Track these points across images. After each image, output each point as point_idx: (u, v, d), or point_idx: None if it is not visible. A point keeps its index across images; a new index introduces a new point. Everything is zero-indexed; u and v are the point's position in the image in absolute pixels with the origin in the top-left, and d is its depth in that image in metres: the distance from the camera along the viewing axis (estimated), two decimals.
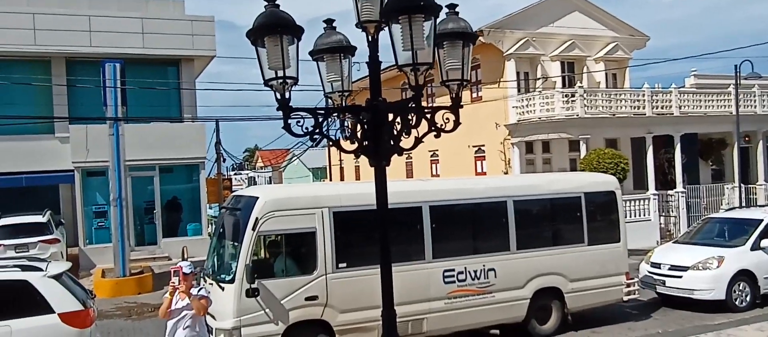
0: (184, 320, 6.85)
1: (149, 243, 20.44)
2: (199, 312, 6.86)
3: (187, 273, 6.83)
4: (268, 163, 60.61)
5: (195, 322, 6.88)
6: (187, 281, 6.82)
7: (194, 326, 6.87)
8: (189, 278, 6.85)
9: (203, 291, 7.09)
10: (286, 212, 8.69)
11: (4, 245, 15.83)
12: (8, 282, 7.68)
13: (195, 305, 6.77)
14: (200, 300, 6.83)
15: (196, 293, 6.87)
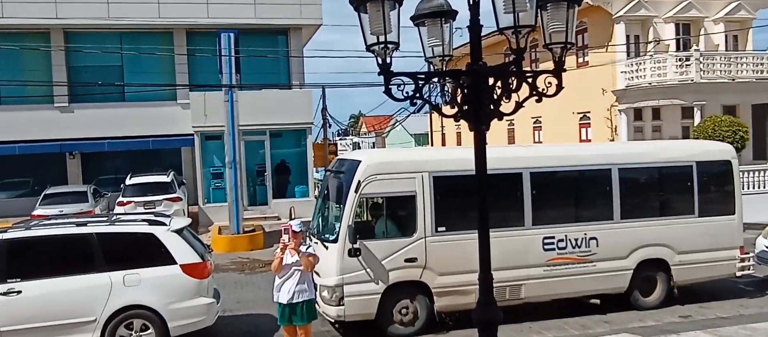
0: (293, 275, 7.18)
1: (260, 203, 21.64)
2: (307, 269, 7.20)
3: (297, 231, 7.17)
4: (372, 129, 61.54)
5: (303, 277, 7.22)
6: (297, 239, 7.17)
7: (302, 281, 7.20)
8: (298, 236, 7.19)
9: (311, 249, 7.41)
10: (387, 176, 8.91)
11: (134, 201, 17.35)
12: (138, 235, 8.46)
13: (303, 262, 7.11)
14: (308, 257, 7.17)
15: (305, 251, 7.20)
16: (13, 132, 22.37)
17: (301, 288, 7.19)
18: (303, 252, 7.16)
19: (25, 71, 23.07)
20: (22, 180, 24.26)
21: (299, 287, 7.18)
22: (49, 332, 7.88)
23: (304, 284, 7.24)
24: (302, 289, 7.19)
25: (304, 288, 7.22)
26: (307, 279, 7.29)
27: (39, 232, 8.42)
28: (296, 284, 7.18)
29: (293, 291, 7.17)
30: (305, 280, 7.25)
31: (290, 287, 7.18)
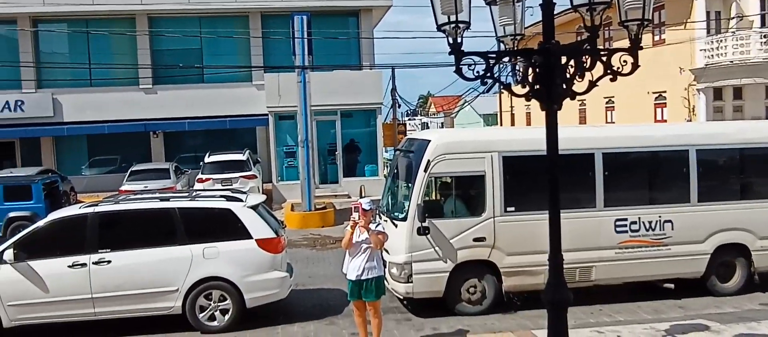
0: (363, 252, 7.29)
1: (331, 182, 22.11)
2: (377, 246, 7.31)
3: (367, 209, 7.26)
4: (441, 109, 61.31)
5: (372, 254, 7.32)
6: (367, 217, 7.25)
7: (371, 258, 7.31)
8: (368, 214, 7.28)
9: (381, 227, 7.48)
10: (456, 155, 8.95)
11: (212, 178, 18.12)
12: (216, 210, 8.89)
13: (373, 240, 7.22)
14: (378, 235, 7.26)
15: (375, 229, 7.29)
16: (102, 112, 23.76)
17: (371, 265, 7.29)
18: (373, 230, 7.25)
19: (113, 55, 24.39)
20: (110, 157, 25.76)
21: (368, 264, 7.28)
22: (136, 299, 8.43)
23: (374, 261, 7.34)
24: (371, 266, 7.30)
25: (374, 265, 7.32)
26: (376, 256, 7.39)
27: (127, 206, 8.98)
28: (366, 261, 7.28)
29: (363, 268, 7.28)
30: (374, 257, 7.35)
31: (360, 264, 7.29)
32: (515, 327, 8.36)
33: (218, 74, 23.27)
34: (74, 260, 8.29)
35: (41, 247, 8.42)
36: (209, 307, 8.56)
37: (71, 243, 8.44)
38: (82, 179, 24.09)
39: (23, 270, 8.24)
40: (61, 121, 24.13)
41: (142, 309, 8.53)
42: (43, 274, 8.27)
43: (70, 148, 25.64)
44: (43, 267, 8.30)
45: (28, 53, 23.99)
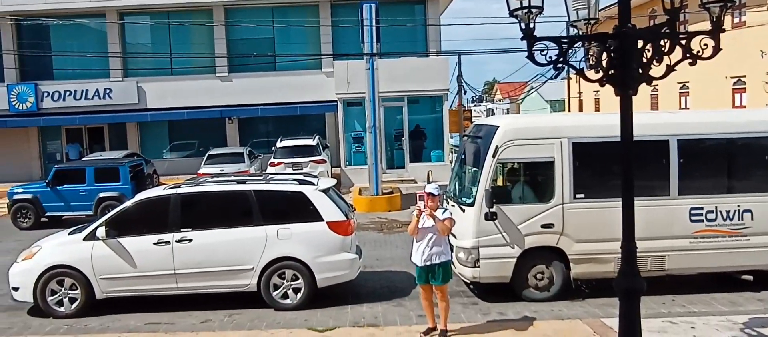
0: (430, 238, 7.34)
1: (398, 167, 22.37)
2: (443, 233, 7.31)
3: (434, 194, 7.32)
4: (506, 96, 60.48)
5: (439, 239, 7.37)
6: (434, 202, 7.30)
7: (438, 243, 7.35)
8: (435, 200, 7.32)
9: (448, 213, 7.41)
10: (525, 141, 8.92)
11: (284, 162, 18.69)
12: (289, 193, 9.23)
13: (440, 227, 7.24)
14: (444, 222, 7.28)
15: (442, 214, 7.26)
16: (181, 99, 24.85)
17: (438, 250, 7.29)
18: (438, 217, 7.25)
19: (191, 45, 25.43)
20: (188, 142, 26.95)
21: (435, 249, 7.28)
22: (215, 276, 8.90)
23: (441, 246, 7.32)
24: (438, 251, 7.29)
25: (441, 250, 7.31)
26: (443, 242, 7.42)
27: (206, 188, 9.47)
28: (433, 246, 7.28)
29: (430, 253, 7.28)
30: (442, 242, 7.38)
31: (427, 250, 7.29)
32: (583, 315, 8.32)
33: (289, 62, 23.89)
34: (159, 238, 8.83)
35: (129, 225, 9.01)
36: (282, 285, 8.93)
37: (156, 222, 8.99)
38: (163, 162, 25.28)
39: (113, 246, 8.85)
40: (145, 107, 25.41)
41: (220, 285, 9.00)
42: (131, 250, 8.86)
43: (152, 133, 26.99)
44: (131, 244, 8.89)
45: (115, 44, 25.34)
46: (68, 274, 8.91)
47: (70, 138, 27.09)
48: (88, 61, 24.61)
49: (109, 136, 27.01)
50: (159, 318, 8.75)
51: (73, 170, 17.27)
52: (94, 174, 16.69)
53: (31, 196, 16.81)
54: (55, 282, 8.94)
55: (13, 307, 9.38)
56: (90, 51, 24.78)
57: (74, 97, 25.26)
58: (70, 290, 8.95)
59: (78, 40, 25.96)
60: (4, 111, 25.30)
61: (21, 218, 16.76)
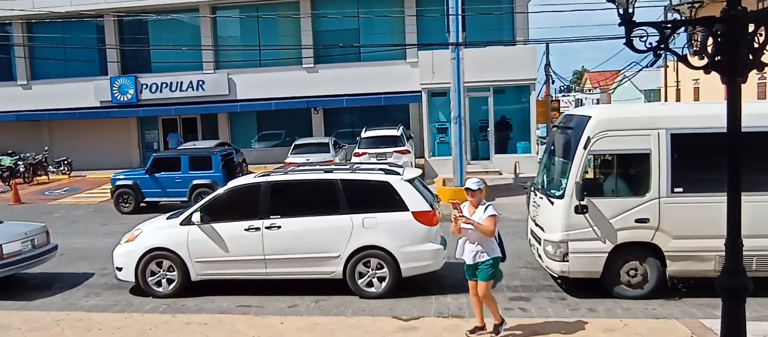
0: (471, 236, 7.02)
1: (482, 158, 22.09)
2: (486, 235, 6.91)
3: (474, 190, 7.00)
4: (597, 85, 58.37)
5: (482, 238, 6.97)
6: (475, 197, 7.01)
7: (481, 241, 6.97)
8: (477, 194, 7.01)
9: (490, 210, 7.03)
10: (619, 132, 8.55)
11: (368, 152, 18.85)
12: (375, 182, 9.28)
13: (480, 230, 6.86)
14: (485, 222, 6.86)
15: (483, 213, 6.95)
16: (269, 90, 25.59)
17: (479, 249, 7.01)
18: (476, 222, 6.87)
19: (279, 37, 26.08)
20: (276, 132, 27.73)
21: (477, 247, 7.01)
22: (303, 262, 9.10)
23: (483, 244, 7.00)
24: (479, 250, 7.01)
25: (481, 249, 7.00)
26: (485, 240, 7.00)
27: (295, 176, 9.68)
28: (476, 244, 7.03)
29: (473, 252, 7.07)
30: (483, 241, 6.99)
31: (471, 248, 7.09)
32: (680, 315, 7.93)
33: (374, 53, 24.04)
34: (250, 224, 9.12)
35: (222, 211, 9.36)
36: (367, 274, 9.02)
37: (247, 209, 9.28)
38: (251, 151, 26.14)
39: (207, 231, 9.22)
40: (235, 98, 26.34)
41: (307, 272, 9.20)
42: (224, 235, 9.20)
43: (242, 123, 27.97)
44: (224, 229, 9.22)
45: (208, 37, 26.37)
46: (166, 256, 9.37)
47: (167, 128, 28.49)
48: (182, 54, 25.74)
49: (202, 126, 28.19)
50: (249, 301, 9.05)
51: (169, 159, 18.09)
52: (188, 162, 17.43)
53: (131, 182, 17.76)
54: (155, 264, 9.42)
55: (117, 285, 9.98)
56: (184, 44, 25.91)
57: (170, 89, 26.53)
58: (168, 271, 9.40)
59: (173, 34, 27.20)
60: (107, 102, 26.93)
61: (123, 202, 17.74)
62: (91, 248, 13.20)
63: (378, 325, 7.61)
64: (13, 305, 8.93)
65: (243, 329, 7.61)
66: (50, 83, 27.35)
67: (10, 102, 27.46)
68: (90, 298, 9.76)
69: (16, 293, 10.02)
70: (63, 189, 23.15)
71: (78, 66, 26.74)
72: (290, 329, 7.56)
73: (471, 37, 20.57)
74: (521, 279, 9.89)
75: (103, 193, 20.86)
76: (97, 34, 27.65)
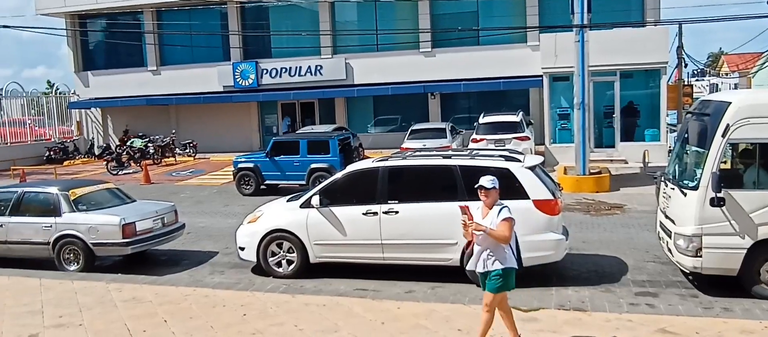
0: (482, 240, 6.16)
1: (607, 146, 21.02)
2: (500, 241, 6.04)
3: (489, 188, 6.22)
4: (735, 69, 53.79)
5: (492, 242, 6.10)
6: (490, 197, 6.23)
7: (490, 247, 6.13)
8: (492, 194, 6.23)
9: (505, 212, 6.13)
10: (763, 120, 7.81)
11: (486, 139, 18.51)
12: (495, 169, 8.92)
13: (493, 237, 6.01)
14: (500, 227, 6.01)
15: (497, 215, 6.10)
16: (386, 75, 25.82)
17: (488, 255, 6.13)
18: (489, 226, 6.02)
19: (396, 21, 26.21)
20: (391, 117, 27.98)
21: (486, 253, 6.14)
22: (419, 248, 9.08)
23: (494, 251, 6.11)
24: (488, 256, 6.12)
25: (490, 255, 6.11)
26: (497, 247, 6.12)
27: (413, 162, 9.66)
28: (483, 250, 6.15)
29: (480, 258, 6.18)
30: (496, 246, 6.11)
31: (479, 254, 6.21)
32: None
33: (493, 36, 23.51)
34: (367, 209, 9.21)
35: (340, 195, 9.52)
36: None
37: (365, 193, 9.36)
38: (367, 136, 26.53)
39: (326, 214, 9.42)
40: (352, 83, 26.83)
41: (423, 258, 9.17)
42: (342, 219, 9.36)
43: (358, 108, 28.45)
44: (342, 213, 9.38)
45: (326, 23, 27.02)
46: (286, 238, 9.69)
47: (285, 112, 29.55)
48: (301, 39, 26.51)
49: (319, 110, 28.96)
50: (366, 285, 9.16)
51: (288, 142, 18.67)
52: (306, 146, 17.93)
53: (252, 165, 18.45)
54: (275, 245, 9.77)
55: (239, 264, 10.47)
56: (303, 30, 26.65)
57: (289, 74, 27.45)
58: (288, 253, 9.72)
59: (293, 19, 28.09)
60: (229, 87, 28.34)
61: (244, 184, 18.53)
62: (214, 228, 13.94)
63: (496, 314, 7.44)
64: (145, 279, 9.56)
65: (360, 311, 7.71)
66: (177, 69, 29.13)
67: (141, 87, 29.56)
68: (214, 275, 10.29)
69: (147, 268, 10.74)
70: (188, 170, 24.52)
71: (203, 52, 28.34)
72: (407, 314, 7.57)
73: (597, 18, 19.55)
74: (648, 274, 9.33)
75: (226, 175, 21.94)
76: (221, 20, 29.10)
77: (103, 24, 31.19)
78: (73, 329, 7.41)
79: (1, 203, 11.06)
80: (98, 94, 30.43)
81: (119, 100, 29.81)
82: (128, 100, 29.57)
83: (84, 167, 27.06)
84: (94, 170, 25.82)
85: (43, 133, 31.03)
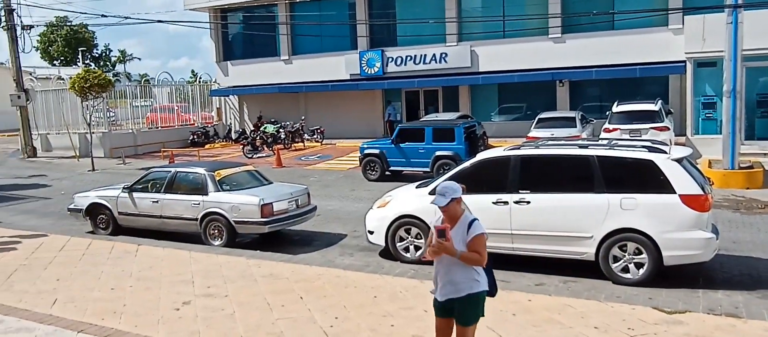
0: (443, 263, 4.89)
1: (760, 138, 19.22)
2: (475, 265, 4.82)
3: (446, 204, 4.80)
4: None
5: (454, 267, 4.84)
6: (450, 211, 4.83)
7: (455, 271, 4.84)
8: (451, 207, 4.82)
9: (477, 226, 4.81)
10: None
11: (619, 128, 17.52)
12: (637, 160, 8.46)
13: (469, 263, 4.78)
14: (469, 249, 4.76)
15: (468, 230, 4.78)
16: (512, 62, 25.20)
17: (457, 279, 4.83)
18: (459, 252, 4.73)
19: (525, 6, 25.44)
20: (516, 105, 27.30)
21: (454, 277, 4.84)
22: (551, 240, 8.73)
23: (463, 273, 4.83)
24: (458, 281, 4.83)
25: (460, 279, 4.83)
26: (468, 269, 4.82)
27: (546, 151, 9.28)
28: (449, 273, 4.87)
29: (446, 284, 4.91)
30: (465, 269, 4.81)
31: (444, 278, 4.92)
32: None
33: (630, 20, 22.17)
34: (498, 198, 8.98)
35: (470, 183, 9.16)
36: (623, 258, 8.36)
37: (495, 182, 9.14)
38: (491, 124, 26.06)
39: None
40: (477, 71, 26.44)
41: (555, 251, 8.83)
42: (471, 207, 9.12)
43: (482, 96, 28.00)
44: (471, 201, 9.04)
45: (452, 10, 26.77)
46: (415, 224, 9.69)
47: (410, 100, 29.69)
48: (426, 27, 26.43)
49: (443, 98, 28.82)
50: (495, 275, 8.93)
51: (414, 130, 18.73)
52: (432, 134, 17.88)
53: (378, 151, 18.72)
54: (403, 230, 9.81)
55: (367, 247, 10.64)
56: (429, 17, 26.56)
57: (414, 62, 27.53)
58: (416, 238, 9.73)
59: (419, 8, 28.06)
60: (355, 75, 28.91)
61: (370, 170, 18.84)
62: (342, 211, 14.27)
63: (636, 314, 6.99)
64: (281, 258, 9.96)
65: (489, 300, 7.53)
66: (307, 58, 30.24)
67: (274, 75, 30.98)
68: (344, 257, 10.52)
69: (282, 247, 11.18)
70: (316, 155, 25.31)
71: (331, 41, 29.11)
72: (538, 307, 7.30)
73: None
74: None
75: (351, 160, 22.43)
76: (349, 10, 29.70)
77: (241, 17, 32.94)
78: (219, 300, 7.86)
79: (158, 182, 12.04)
80: (236, 82, 32.27)
81: (254, 88, 31.43)
82: (262, 88, 31.09)
83: (222, 150, 28.76)
84: (231, 153, 27.37)
85: (187, 119, 33.36)
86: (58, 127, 29.52)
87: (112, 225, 12.44)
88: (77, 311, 7.59)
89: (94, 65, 69.93)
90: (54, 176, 22.84)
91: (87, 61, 71.25)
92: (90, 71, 24.82)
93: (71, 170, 24.44)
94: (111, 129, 29.28)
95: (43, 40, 71.68)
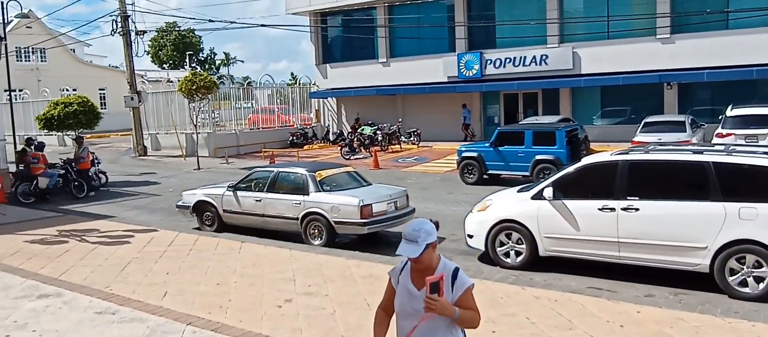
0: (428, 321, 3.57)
1: None
2: (469, 326, 3.62)
3: (420, 254, 3.50)
4: None
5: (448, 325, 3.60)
6: (424, 260, 3.55)
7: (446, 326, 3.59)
8: (426, 256, 3.53)
9: (464, 279, 3.60)
10: None
11: (734, 134, 16.47)
12: (757, 167, 7.95)
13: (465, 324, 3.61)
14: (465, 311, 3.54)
15: (453, 284, 3.57)
16: (617, 64, 24.30)
17: None
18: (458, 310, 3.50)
19: (631, 6, 24.48)
20: (620, 108, 26.29)
21: None
22: (661, 250, 8.36)
23: (444, 332, 3.60)
24: None
25: None
26: (452, 327, 3.61)
27: (657, 156, 8.89)
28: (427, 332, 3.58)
29: None
30: (448, 327, 3.60)
31: None
32: None
33: (748, 18, 20.79)
34: (604, 204, 8.70)
35: (574, 188, 9.12)
36: (741, 271, 7.88)
37: (601, 187, 8.87)
38: (593, 128, 25.25)
39: (558, 207, 9.10)
40: (579, 73, 25.69)
41: (665, 261, 8.45)
42: (575, 213, 8.97)
43: (584, 99, 27.17)
44: (575, 207, 8.99)
45: (553, 11, 26.16)
46: (515, 228, 9.56)
47: (508, 103, 29.26)
48: (526, 28, 25.98)
49: (542, 101, 28.19)
50: (600, 284, 8.69)
51: (513, 133, 18.43)
52: (532, 137, 17.54)
53: (476, 154, 18.56)
54: (504, 235, 9.69)
55: (466, 251, 10.57)
56: (530, 18, 26.08)
57: (513, 64, 27.12)
58: (517, 244, 9.59)
59: (519, 9, 27.62)
60: (453, 78, 28.83)
61: (467, 173, 18.71)
62: (440, 214, 14.19)
63: (757, 332, 6.58)
64: (380, 259, 9.99)
65: (595, 311, 7.33)
66: (405, 60, 30.50)
67: (372, 78, 31.44)
68: None
69: (380, 249, 11.26)
70: (413, 158, 25.40)
71: (429, 44, 29.19)
72: (648, 320, 7.01)
73: None
74: None
75: (448, 163, 22.36)
76: (447, 12, 29.64)
77: (340, 20, 33.70)
78: (320, 298, 8.08)
79: (261, 181, 12.50)
80: (334, 84, 33.04)
81: (352, 90, 32.04)
82: (360, 90, 31.65)
83: (320, 151, 29.51)
84: (329, 154, 28.02)
85: (287, 120, 34.51)
86: (166, 127, 31.29)
87: (217, 222, 12.97)
88: (185, 303, 7.96)
89: (200, 68, 73.69)
90: (162, 173, 24.23)
91: (193, 64, 75.19)
92: (196, 74, 25.94)
93: (178, 168, 25.84)
94: (215, 129, 30.72)
95: (153, 44, 76.36)
